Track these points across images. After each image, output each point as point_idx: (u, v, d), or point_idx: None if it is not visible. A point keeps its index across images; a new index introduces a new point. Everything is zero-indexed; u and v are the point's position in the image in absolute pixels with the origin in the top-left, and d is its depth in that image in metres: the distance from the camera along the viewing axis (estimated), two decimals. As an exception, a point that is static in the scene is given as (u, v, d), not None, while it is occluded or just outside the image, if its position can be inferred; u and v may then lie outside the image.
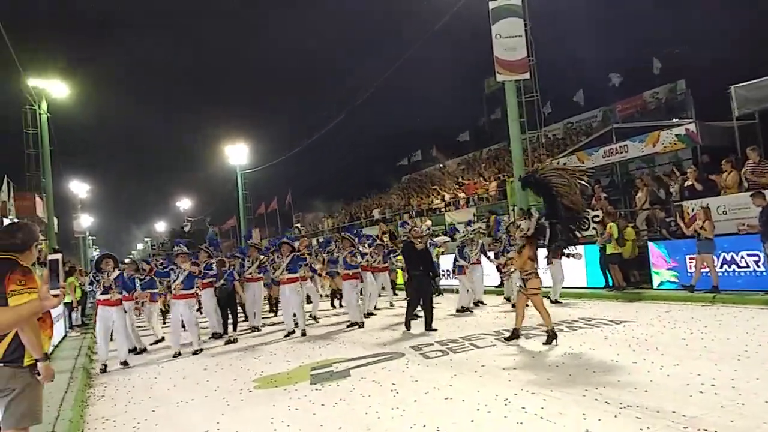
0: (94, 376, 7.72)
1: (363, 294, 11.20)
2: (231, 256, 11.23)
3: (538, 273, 6.89)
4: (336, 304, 13.58)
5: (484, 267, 11.49)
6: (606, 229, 10.80)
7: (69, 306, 13.09)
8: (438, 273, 10.04)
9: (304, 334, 9.42)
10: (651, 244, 10.85)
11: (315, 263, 11.97)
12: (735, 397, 4.17)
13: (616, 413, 4.06)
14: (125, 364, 8.09)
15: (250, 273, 10.48)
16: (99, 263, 8.47)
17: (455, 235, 11.98)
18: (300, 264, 9.93)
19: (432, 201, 24.29)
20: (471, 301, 10.65)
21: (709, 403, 4.09)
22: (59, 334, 11.22)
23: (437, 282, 9.99)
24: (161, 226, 68.55)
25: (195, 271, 8.84)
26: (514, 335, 7.06)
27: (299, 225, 35.32)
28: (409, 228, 10.17)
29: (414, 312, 8.97)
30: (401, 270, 13.76)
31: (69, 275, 12.95)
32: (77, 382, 6.89)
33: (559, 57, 26.27)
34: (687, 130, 12.35)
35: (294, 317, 9.64)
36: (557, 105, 27.10)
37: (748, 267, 9.18)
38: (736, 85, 11.16)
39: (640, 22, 28.18)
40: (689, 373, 4.90)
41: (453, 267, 11.29)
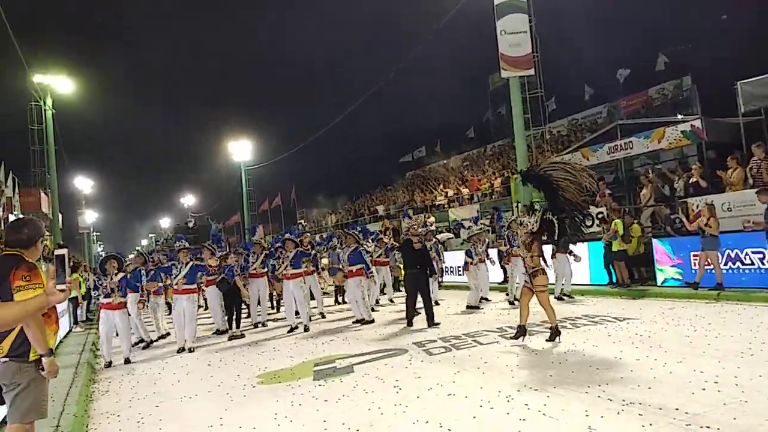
0: (98, 371, 7.76)
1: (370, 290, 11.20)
2: (235, 252, 11.24)
3: (544, 269, 6.86)
4: (340, 300, 13.60)
5: (488, 263, 11.48)
6: (611, 226, 10.76)
7: (74, 301, 13.17)
8: (435, 270, 10.06)
9: (306, 329, 9.45)
10: (655, 241, 10.81)
11: (321, 255, 11.91)
12: (738, 395, 4.16)
13: (618, 410, 4.06)
14: (128, 361, 8.12)
15: (254, 268, 10.50)
16: (103, 265, 8.48)
17: (461, 232, 12.01)
18: (304, 259, 9.94)
19: (436, 197, 24.28)
20: (477, 300, 10.64)
21: (712, 401, 4.08)
22: (64, 329, 11.29)
23: (435, 278, 10.05)
24: (165, 222, 68.91)
25: (212, 265, 8.98)
26: (520, 332, 6.87)
27: (303, 221, 35.37)
28: (409, 226, 10.18)
29: (414, 308, 9.08)
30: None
31: (74, 271, 13.02)
32: (82, 377, 6.94)
33: (564, 53, 26.22)
34: (692, 126, 12.29)
35: (297, 315, 9.67)
36: (562, 101, 27.02)
37: (752, 264, 9.14)
38: (741, 81, 11.08)
39: (645, 18, 28.05)
40: (692, 371, 4.89)
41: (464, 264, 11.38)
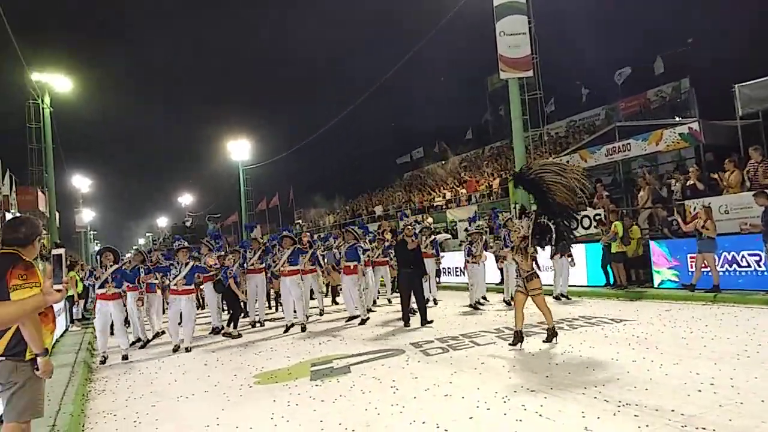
0: (94, 370, 7.74)
1: (366, 289, 11.22)
2: (233, 250, 11.22)
3: (537, 272, 6.83)
4: (338, 300, 13.59)
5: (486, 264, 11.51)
6: (612, 228, 10.78)
7: (70, 300, 13.12)
8: (427, 271, 10.11)
9: (303, 329, 9.45)
10: (652, 242, 10.83)
11: (319, 251, 11.90)
12: (734, 397, 4.18)
13: (615, 411, 4.07)
14: (125, 358, 8.14)
15: (252, 264, 10.50)
16: (99, 257, 8.56)
17: (457, 229, 12.06)
18: (301, 255, 9.96)
19: (434, 198, 24.30)
20: (474, 299, 10.66)
21: (708, 402, 4.10)
22: (61, 328, 11.26)
23: (427, 278, 10.12)
24: (162, 221, 68.76)
25: (212, 264, 8.99)
26: (517, 338, 6.67)
27: (300, 221, 35.38)
28: (404, 226, 10.22)
29: (410, 307, 9.19)
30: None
31: (70, 269, 12.98)
32: (78, 376, 6.92)
33: (563, 55, 26.24)
34: (690, 128, 12.32)
35: (294, 312, 9.67)
36: (560, 103, 27.05)
37: (749, 267, 9.17)
38: (740, 84, 11.12)
39: (643, 19, 28.12)
40: (689, 372, 4.90)
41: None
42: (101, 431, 4.84)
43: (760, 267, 9.00)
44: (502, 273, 11.96)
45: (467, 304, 10.79)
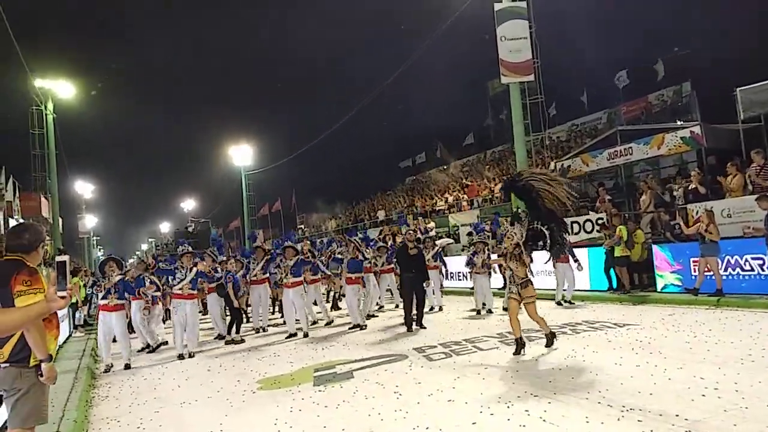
0: (98, 376, 7.76)
1: (366, 297, 11.23)
2: (235, 258, 11.20)
3: (531, 279, 6.79)
4: (340, 305, 13.58)
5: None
6: (616, 232, 10.76)
7: (74, 306, 13.14)
8: (428, 276, 10.09)
9: (306, 335, 9.45)
10: (655, 247, 10.81)
11: (322, 258, 11.90)
12: (738, 401, 4.16)
13: (618, 416, 4.06)
14: (128, 367, 8.09)
15: (255, 275, 10.49)
16: (103, 266, 8.52)
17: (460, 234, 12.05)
18: (305, 267, 9.97)
19: (436, 203, 24.31)
20: (479, 305, 10.66)
21: (712, 407, 4.08)
22: (64, 334, 11.27)
23: (428, 284, 10.12)
24: (165, 226, 68.73)
25: (207, 271, 9.02)
26: (519, 346, 6.59)
27: (303, 226, 35.39)
28: (406, 230, 10.27)
29: (412, 312, 9.22)
30: None
31: (74, 275, 13.00)
32: (82, 382, 6.93)
33: (564, 59, 26.25)
34: (692, 132, 12.31)
35: (297, 322, 9.68)
36: (562, 107, 27.03)
37: (752, 270, 9.13)
38: (741, 88, 11.12)
39: (644, 23, 28.16)
40: (692, 377, 4.89)
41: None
42: (105, 437, 4.85)
43: (763, 271, 8.97)
44: (504, 279, 11.95)
45: (471, 308, 10.76)
